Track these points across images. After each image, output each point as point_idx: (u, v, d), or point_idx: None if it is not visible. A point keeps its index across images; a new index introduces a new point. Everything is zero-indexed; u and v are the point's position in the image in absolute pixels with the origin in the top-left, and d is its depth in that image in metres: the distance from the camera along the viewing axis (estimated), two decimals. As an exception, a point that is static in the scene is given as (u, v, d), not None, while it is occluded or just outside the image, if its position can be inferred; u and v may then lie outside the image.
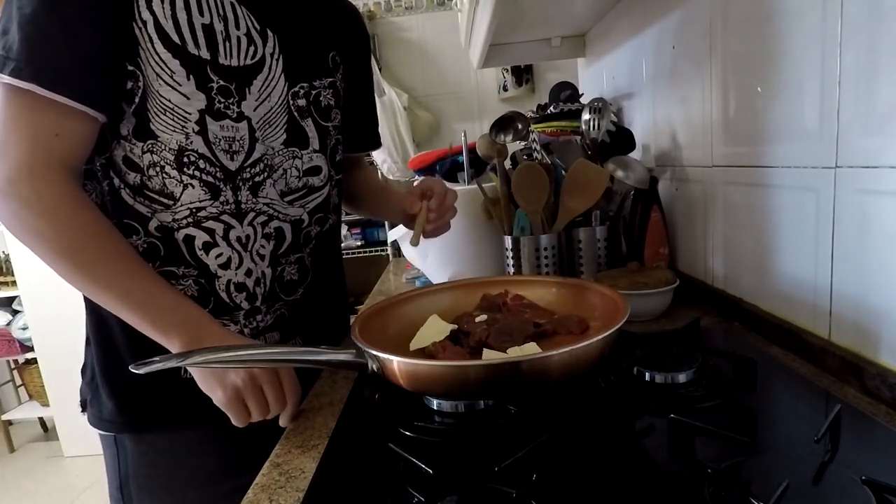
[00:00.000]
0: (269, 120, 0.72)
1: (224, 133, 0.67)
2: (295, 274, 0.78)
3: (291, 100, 0.74)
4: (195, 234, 0.68)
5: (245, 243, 0.71)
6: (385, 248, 2.86)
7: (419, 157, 1.38)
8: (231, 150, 0.68)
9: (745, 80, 0.77)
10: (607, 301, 0.68)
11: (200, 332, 0.59)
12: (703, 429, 0.46)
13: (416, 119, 2.90)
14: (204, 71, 0.65)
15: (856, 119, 0.57)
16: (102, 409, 0.72)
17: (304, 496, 0.49)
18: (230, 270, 0.71)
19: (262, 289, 0.74)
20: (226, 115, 0.67)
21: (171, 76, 0.63)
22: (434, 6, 2.97)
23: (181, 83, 0.64)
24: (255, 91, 0.70)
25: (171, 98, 0.64)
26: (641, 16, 1.14)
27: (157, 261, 0.68)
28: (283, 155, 0.74)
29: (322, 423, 0.63)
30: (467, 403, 0.57)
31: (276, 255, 0.75)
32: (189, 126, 0.65)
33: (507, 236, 1.02)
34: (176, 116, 0.64)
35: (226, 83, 0.67)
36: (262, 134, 0.71)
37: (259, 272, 0.73)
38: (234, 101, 0.68)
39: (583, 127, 1.12)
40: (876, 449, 0.48)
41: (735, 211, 0.83)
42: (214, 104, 0.66)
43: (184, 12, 0.63)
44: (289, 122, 0.74)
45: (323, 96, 0.78)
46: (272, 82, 0.71)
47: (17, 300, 2.80)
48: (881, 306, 0.57)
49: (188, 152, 0.66)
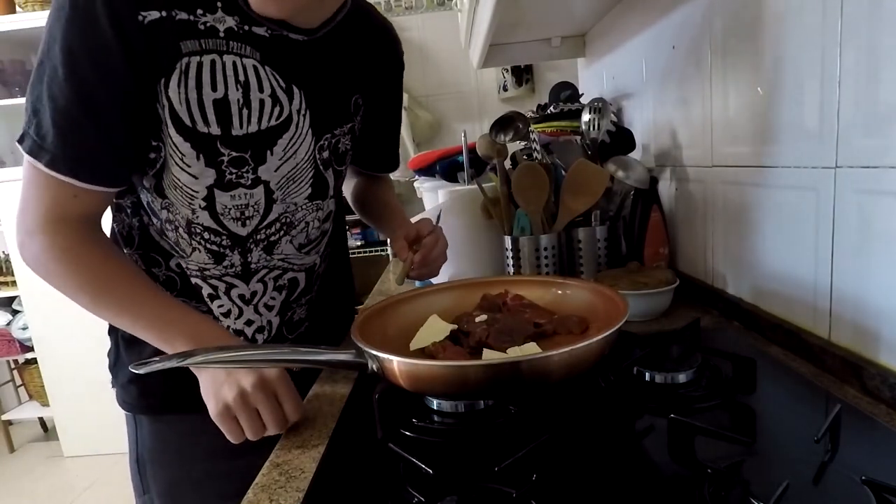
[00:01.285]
0: (292, 177, 0.72)
1: (235, 202, 0.69)
2: (304, 313, 0.82)
3: (318, 153, 0.74)
4: (202, 284, 0.73)
5: (249, 299, 0.75)
6: (385, 248, 2.86)
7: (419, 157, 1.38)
8: (244, 217, 0.70)
9: (745, 80, 0.77)
10: (607, 301, 0.68)
11: (204, 339, 0.61)
12: (703, 429, 0.46)
13: (416, 119, 2.90)
14: (213, 147, 0.65)
15: (856, 119, 0.57)
16: (124, 391, 0.78)
17: (304, 496, 0.49)
18: (229, 319, 0.75)
19: (266, 335, 0.78)
20: (238, 184, 0.68)
21: (181, 158, 0.65)
22: (434, 6, 2.97)
23: (191, 164, 0.65)
24: (278, 151, 0.69)
25: (181, 178, 0.66)
26: (641, 16, 1.14)
27: (174, 292, 0.73)
28: (306, 209, 0.75)
29: (322, 423, 0.63)
30: (467, 403, 0.57)
31: (287, 302, 0.78)
32: (196, 202, 0.68)
33: (507, 236, 1.02)
34: (184, 193, 0.67)
35: (239, 153, 0.67)
36: (281, 194, 0.72)
37: (263, 321, 0.77)
38: (249, 168, 0.68)
39: (583, 127, 1.12)
40: (876, 449, 0.48)
41: (735, 211, 0.83)
42: (225, 177, 0.67)
43: (195, 91, 0.63)
44: (314, 176, 0.74)
45: (342, 143, 0.78)
46: (299, 139, 0.71)
47: (17, 300, 2.79)
48: (881, 306, 0.57)
49: (194, 224, 0.69)
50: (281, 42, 0.67)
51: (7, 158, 2.78)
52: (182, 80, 0.62)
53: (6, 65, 2.67)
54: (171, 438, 0.77)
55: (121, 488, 2.43)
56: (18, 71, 2.69)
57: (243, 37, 0.65)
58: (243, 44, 0.65)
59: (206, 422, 0.60)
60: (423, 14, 2.98)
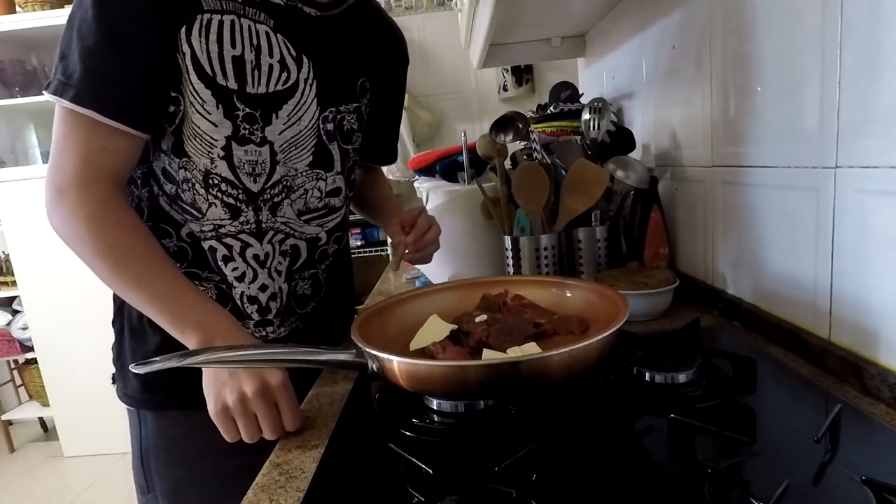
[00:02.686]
0: (295, 142, 0.75)
1: (248, 157, 0.71)
2: (308, 289, 0.82)
3: (321, 124, 0.77)
4: (217, 246, 0.73)
5: (263, 261, 0.76)
6: (385, 248, 2.86)
7: (419, 157, 1.38)
8: (254, 173, 0.72)
9: (745, 80, 0.77)
10: (607, 301, 0.68)
11: (215, 333, 0.61)
12: (703, 429, 0.46)
13: (416, 119, 2.90)
14: (231, 100, 0.69)
15: (856, 119, 0.57)
16: (128, 385, 0.77)
17: (304, 496, 0.49)
18: (244, 284, 0.75)
19: (279, 303, 0.78)
20: (250, 140, 0.71)
21: (202, 105, 0.67)
22: (434, 6, 2.97)
23: (210, 112, 0.68)
24: (283, 115, 0.73)
25: (201, 125, 0.68)
26: (641, 16, 1.14)
27: (185, 262, 0.74)
28: (305, 176, 0.77)
29: (322, 423, 0.63)
30: (467, 403, 0.57)
31: (290, 271, 0.79)
32: (215, 151, 0.69)
33: (507, 236, 1.02)
34: (203, 142, 0.69)
35: (251, 110, 0.70)
36: (284, 156, 0.74)
37: (276, 287, 0.78)
38: (259, 126, 0.71)
39: (583, 127, 1.12)
40: (876, 449, 0.48)
41: (735, 211, 0.83)
42: (240, 131, 0.70)
43: (216, 45, 0.67)
44: (317, 145, 0.77)
45: (347, 120, 0.81)
46: (304, 106, 0.74)
47: (17, 300, 2.79)
48: (881, 306, 0.57)
49: (213, 175, 0.70)
50: (294, 13, 0.73)
51: (7, 158, 2.78)
52: (203, 32, 0.66)
53: (6, 65, 2.67)
54: (176, 435, 0.76)
55: (121, 488, 2.43)
56: (18, 71, 2.69)
57: (260, 4, 0.70)
58: (259, 10, 0.70)
59: (210, 419, 0.60)
60: (423, 14, 2.98)
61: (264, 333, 0.78)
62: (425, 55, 2.99)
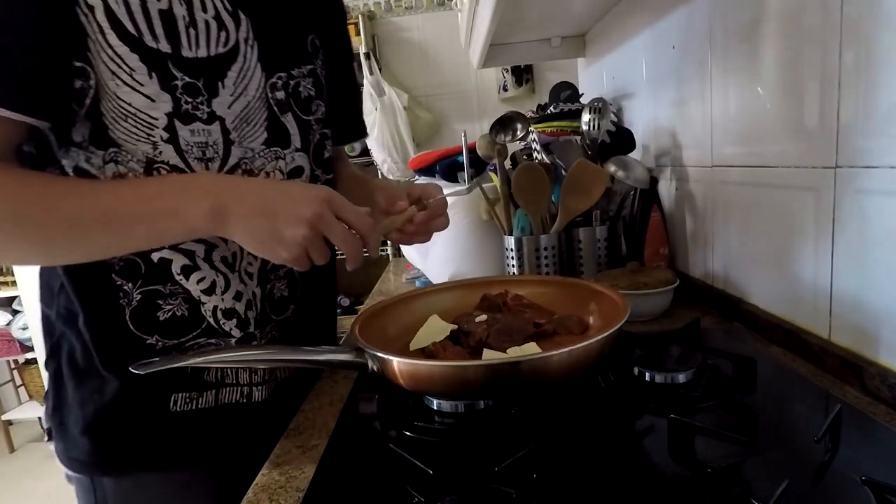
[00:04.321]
0: (246, 118, 0.62)
1: (196, 138, 0.58)
2: (285, 289, 0.70)
3: (270, 92, 0.64)
4: (171, 257, 0.60)
5: (231, 263, 0.63)
6: (385, 248, 2.86)
7: (419, 157, 1.38)
8: (205, 157, 0.59)
9: (745, 80, 0.77)
10: (607, 301, 0.68)
11: (215, 187, 0.54)
12: (703, 429, 0.46)
13: (416, 119, 2.90)
14: (166, 67, 0.55)
15: (856, 119, 0.57)
16: (73, 446, 0.63)
17: (303, 496, 0.49)
18: (215, 296, 0.63)
19: (254, 311, 0.66)
20: (195, 116, 0.58)
21: (130, 75, 0.54)
22: (434, 6, 2.97)
23: (143, 83, 0.54)
24: (229, 85, 0.60)
25: (133, 101, 0.54)
26: (641, 16, 1.14)
27: (139, 279, 0.60)
28: (264, 157, 0.64)
29: (322, 423, 0.63)
30: (467, 403, 0.57)
31: (264, 271, 0.67)
32: (156, 133, 0.56)
33: (508, 236, 1.02)
34: (140, 123, 0.55)
35: (192, 79, 0.57)
36: (238, 135, 0.61)
37: (250, 293, 0.65)
38: (204, 99, 0.58)
39: (583, 127, 1.12)
40: (876, 449, 0.48)
41: (735, 211, 0.83)
42: (182, 105, 0.57)
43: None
44: (269, 118, 0.64)
45: (303, 86, 0.68)
46: (248, 73, 0.61)
47: (17, 300, 2.80)
48: (881, 306, 0.57)
49: (158, 165, 0.57)
50: None
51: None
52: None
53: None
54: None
55: (121, 488, 2.43)
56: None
57: None
58: None
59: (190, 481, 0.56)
60: (423, 14, 2.98)
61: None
62: (425, 55, 2.98)
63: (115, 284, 0.59)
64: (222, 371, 0.65)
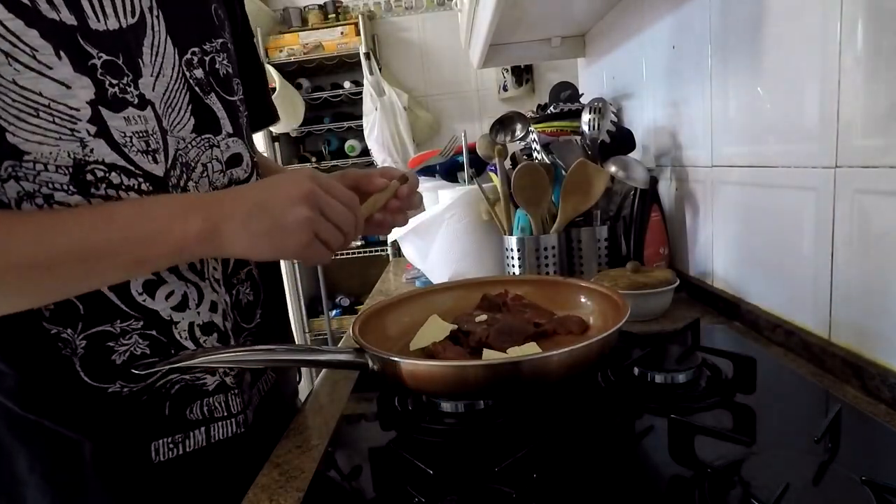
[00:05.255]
0: (170, 102, 0.54)
1: (133, 127, 0.50)
2: (250, 293, 0.64)
3: (187, 70, 0.56)
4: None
5: (200, 270, 0.56)
6: (385, 248, 2.86)
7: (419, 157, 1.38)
8: (150, 149, 0.51)
9: (745, 80, 0.77)
10: (607, 301, 0.68)
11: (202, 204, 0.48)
12: (703, 429, 0.46)
13: (416, 119, 2.90)
14: (75, 42, 0.46)
15: (856, 119, 0.57)
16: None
17: (303, 496, 0.49)
18: (189, 311, 0.55)
19: (230, 322, 0.60)
20: (125, 101, 0.49)
21: (32, 55, 0.44)
22: (434, 6, 2.97)
23: (52, 65, 0.45)
24: (147, 62, 0.52)
25: (43, 89, 0.45)
26: (641, 16, 1.14)
27: (79, 322, 0.50)
28: (197, 147, 0.57)
29: (322, 423, 0.63)
30: (467, 403, 0.57)
31: (227, 275, 0.61)
32: (81, 126, 0.47)
33: (508, 236, 1.02)
34: (57, 116, 0.46)
35: (110, 56, 0.48)
36: (168, 123, 0.54)
37: (223, 302, 0.59)
38: (129, 79, 0.50)
39: (583, 127, 1.12)
40: (876, 449, 0.48)
41: (735, 211, 0.83)
42: (106, 89, 0.48)
43: None
44: (192, 100, 0.57)
45: (220, 63, 0.60)
46: (160, 48, 0.54)
47: (17, 300, 2.79)
48: (881, 306, 0.57)
49: (91, 166, 0.48)
50: None
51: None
52: None
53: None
54: None
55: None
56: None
57: None
58: None
59: None
60: (423, 14, 2.98)
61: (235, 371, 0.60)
62: (425, 55, 2.99)
63: (51, 334, 0.49)
64: (209, 406, 0.58)
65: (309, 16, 2.95)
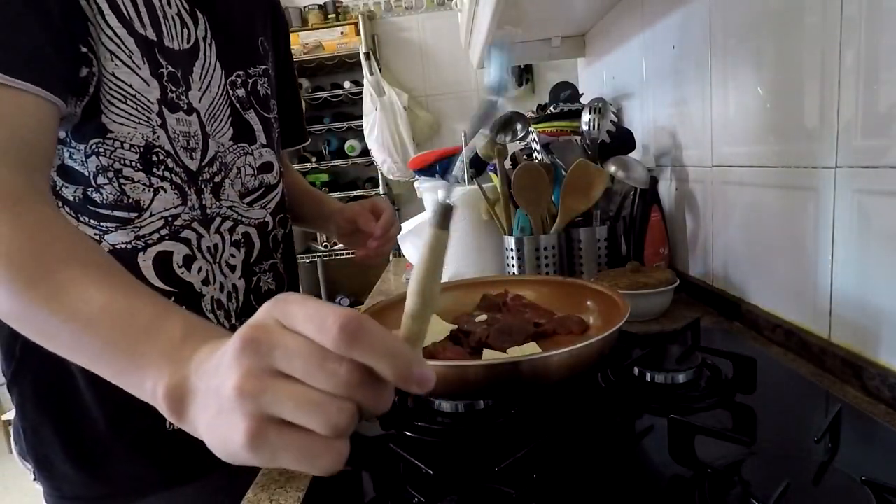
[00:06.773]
0: (214, 113, 0.65)
1: (180, 127, 0.60)
2: (272, 282, 0.72)
3: (230, 90, 0.68)
4: (173, 248, 0.59)
5: (214, 254, 0.65)
6: (385, 248, 2.86)
7: (419, 157, 1.38)
8: (189, 147, 0.62)
9: (745, 80, 0.77)
10: (607, 301, 0.68)
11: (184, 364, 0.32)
12: (703, 429, 0.46)
13: (416, 119, 2.90)
14: (154, 54, 0.58)
15: (856, 119, 0.57)
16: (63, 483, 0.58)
17: (303, 496, 0.49)
18: (211, 286, 0.63)
19: (235, 304, 0.67)
20: (179, 106, 0.60)
21: (129, 56, 0.55)
22: (434, 6, 2.97)
23: (140, 66, 0.56)
24: (196, 79, 0.63)
25: (133, 83, 0.55)
26: (641, 16, 1.14)
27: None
28: (234, 152, 0.68)
29: (322, 423, 0.63)
30: (467, 403, 0.57)
31: (248, 264, 0.69)
32: (153, 118, 0.57)
33: (508, 236, 1.02)
34: (139, 105, 0.56)
35: (174, 69, 0.60)
36: (210, 129, 0.65)
37: (230, 285, 0.66)
38: (183, 90, 0.61)
39: (583, 127, 1.12)
40: (876, 449, 0.48)
41: (735, 211, 0.83)
42: (168, 94, 0.59)
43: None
44: (232, 114, 0.68)
45: (260, 85, 0.72)
46: (209, 69, 0.65)
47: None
48: (881, 306, 0.57)
49: (156, 149, 0.58)
50: None
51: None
52: None
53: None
54: None
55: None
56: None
57: None
58: None
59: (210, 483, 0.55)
60: (423, 14, 2.98)
61: None
62: (425, 55, 2.99)
63: None
64: None
65: (309, 16, 2.96)
